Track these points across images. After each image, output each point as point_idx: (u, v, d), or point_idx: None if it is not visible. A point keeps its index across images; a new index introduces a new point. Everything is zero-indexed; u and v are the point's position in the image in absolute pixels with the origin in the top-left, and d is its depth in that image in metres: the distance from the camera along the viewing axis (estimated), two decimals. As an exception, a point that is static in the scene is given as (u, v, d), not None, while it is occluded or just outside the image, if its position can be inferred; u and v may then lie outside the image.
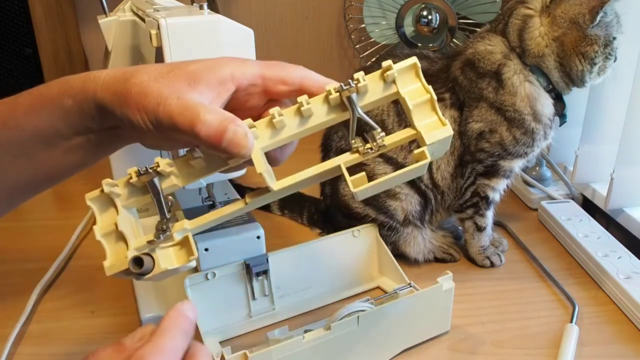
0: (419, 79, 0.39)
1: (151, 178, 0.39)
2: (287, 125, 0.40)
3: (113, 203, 0.40)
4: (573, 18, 0.69)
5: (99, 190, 0.40)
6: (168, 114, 0.39)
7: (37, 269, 0.76)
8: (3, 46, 1.07)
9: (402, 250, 0.77)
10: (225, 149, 0.38)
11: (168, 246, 0.39)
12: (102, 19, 0.73)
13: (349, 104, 0.38)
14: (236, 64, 0.42)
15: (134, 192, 0.41)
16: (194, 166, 0.40)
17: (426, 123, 0.38)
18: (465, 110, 0.73)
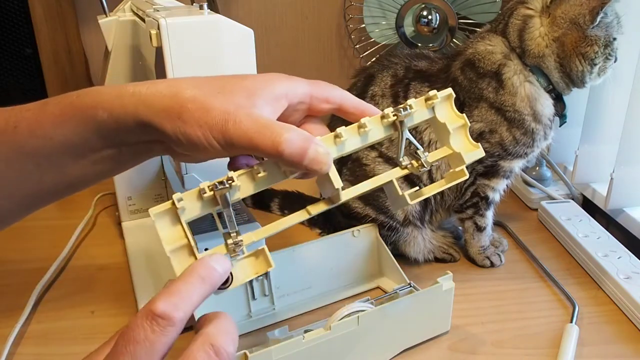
0: (451, 107, 0.46)
1: (227, 192, 0.39)
2: (348, 142, 0.44)
3: (177, 217, 0.39)
4: (573, 18, 0.69)
5: (168, 204, 0.39)
6: (242, 132, 0.39)
7: (37, 269, 0.76)
8: (3, 46, 1.07)
9: (402, 250, 0.77)
10: (307, 166, 0.40)
11: (242, 258, 0.40)
12: (102, 19, 0.73)
13: (400, 126, 0.44)
14: (288, 81, 0.44)
15: (198, 207, 0.40)
16: (255, 180, 0.41)
17: (461, 145, 0.46)
18: (465, 110, 0.73)
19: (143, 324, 0.34)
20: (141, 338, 0.33)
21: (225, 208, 0.39)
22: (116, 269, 0.78)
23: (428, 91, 0.73)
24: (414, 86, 0.75)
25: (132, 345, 0.33)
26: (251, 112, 0.40)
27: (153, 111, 0.40)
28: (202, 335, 0.35)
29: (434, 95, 0.44)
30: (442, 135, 0.46)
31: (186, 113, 0.40)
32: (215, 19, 0.57)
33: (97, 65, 1.20)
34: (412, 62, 0.77)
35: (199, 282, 0.36)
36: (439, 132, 0.46)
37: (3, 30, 1.06)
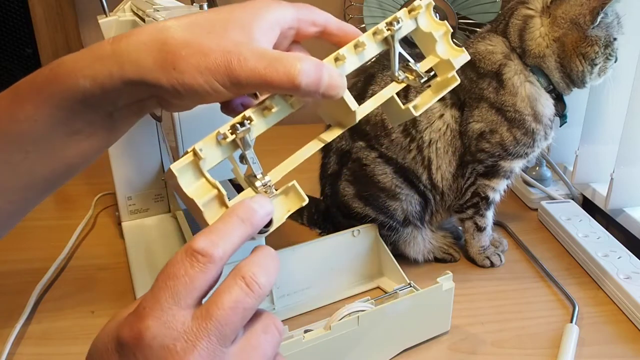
0: (431, 17, 0.46)
1: (247, 134, 0.37)
2: (348, 62, 0.43)
3: (199, 169, 0.37)
4: (573, 19, 0.69)
5: (190, 156, 0.36)
6: (250, 70, 0.36)
7: (37, 269, 0.76)
8: (3, 46, 1.07)
9: (402, 250, 0.77)
10: (324, 93, 0.38)
11: (274, 197, 0.38)
12: (102, 19, 0.73)
13: (392, 41, 0.44)
14: (277, 7, 0.41)
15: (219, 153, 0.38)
16: (266, 116, 0.39)
17: (447, 52, 0.46)
18: (465, 110, 0.73)
19: (183, 260, 0.33)
20: (181, 273, 0.33)
21: (247, 150, 0.37)
22: (116, 269, 0.78)
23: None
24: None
25: (172, 280, 0.33)
26: (254, 47, 0.37)
27: (143, 68, 0.37)
28: (235, 268, 0.35)
29: (418, 5, 0.44)
30: (428, 45, 0.47)
31: (181, 61, 0.37)
32: (215, 19, 0.57)
33: (97, 65, 1.20)
34: (413, 62, 0.77)
35: (238, 223, 0.35)
36: (424, 42, 0.47)
37: (3, 30, 1.06)
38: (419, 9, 0.44)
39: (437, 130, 0.74)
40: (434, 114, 0.74)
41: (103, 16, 0.73)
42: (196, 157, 0.36)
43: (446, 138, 0.74)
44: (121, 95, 0.39)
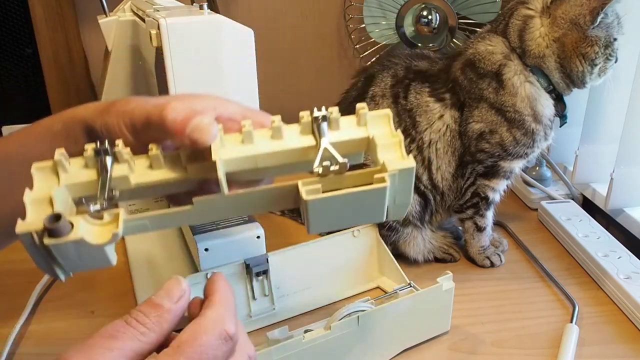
0: (389, 126, 0.39)
1: (106, 153, 0.37)
2: (256, 141, 0.38)
3: (57, 177, 0.37)
4: (573, 19, 0.69)
5: (50, 161, 0.37)
6: (142, 110, 0.41)
7: (37, 269, 0.76)
8: (3, 46, 1.07)
9: (402, 250, 0.77)
10: (189, 134, 0.37)
11: (95, 224, 0.35)
12: (102, 19, 0.73)
13: (318, 131, 0.38)
14: (220, 99, 0.44)
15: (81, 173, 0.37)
16: (151, 168, 0.38)
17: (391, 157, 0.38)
18: (465, 110, 0.73)
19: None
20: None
21: (101, 174, 0.36)
22: (116, 269, 0.78)
23: (428, 91, 0.74)
24: (414, 86, 0.75)
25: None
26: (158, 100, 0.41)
27: (93, 113, 0.44)
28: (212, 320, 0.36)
29: (361, 106, 0.39)
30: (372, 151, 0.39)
31: (113, 107, 0.43)
32: (215, 19, 0.57)
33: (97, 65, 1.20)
34: (413, 63, 0.77)
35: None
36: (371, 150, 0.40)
37: (3, 30, 1.06)
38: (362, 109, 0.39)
39: (437, 131, 0.74)
40: (434, 115, 0.74)
41: (103, 16, 0.73)
42: (55, 163, 0.37)
43: (446, 138, 0.74)
44: (78, 140, 0.44)
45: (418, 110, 0.74)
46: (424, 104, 0.74)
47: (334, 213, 0.38)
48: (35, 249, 0.34)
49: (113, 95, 0.79)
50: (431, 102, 0.74)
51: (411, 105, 0.74)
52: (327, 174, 0.37)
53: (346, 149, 0.38)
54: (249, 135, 0.38)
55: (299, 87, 1.33)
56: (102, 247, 0.34)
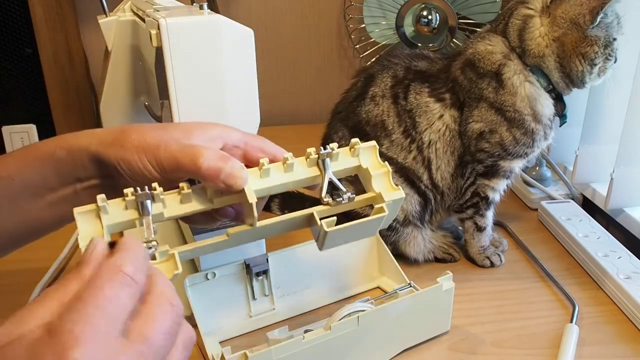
0: (375, 156, 0.48)
1: (147, 198, 0.41)
2: (272, 174, 0.46)
3: (99, 220, 0.41)
4: (573, 18, 0.69)
5: (92, 205, 0.41)
6: (170, 154, 0.43)
7: (37, 269, 0.76)
8: (3, 46, 1.07)
9: (402, 250, 0.77)
10: (224, 180, 0.42)
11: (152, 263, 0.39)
12: (102, 19, 0.73)
13: (323, 165, 0.46)
14: (224, 127, 0.48)
15: (121, 214, 0.42)
16: (182, 199, 0.43)
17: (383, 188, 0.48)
18: (465, 110, 0.73)
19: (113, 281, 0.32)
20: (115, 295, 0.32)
21: (144, 215, 0.41)
22: (116, 269, 0.78)
23: (428, 91, 0.74)
24: (414, 87, 0.75)
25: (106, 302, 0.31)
26: (182, 142, 0.45)
27: (103, 144, 0.45)
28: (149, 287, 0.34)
29: (355, 142, 0.48)
30: (368, 182, 0.49)
31: (128, 141, 0.44)
32: (215, 19, 0.57)
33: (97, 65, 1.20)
34: (412, 63, 0.77)
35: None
36: (366, 179, 0.49)
37: (3, 30, 1.06)
38: (357, 144, 0.48)
39: (437, 131, 0.74)
40: (434, 115, 0.74)
41: (103, 16, 0.74)
42: (97, 207, 0.41)
43: (445, 138, 0.74)
44: (85, 169, 0.46)
45: (418, 110, 0.74)
46: (423, 104, 0.74)
47: (342, 236, 0.48)
48: None
49: (113, 95, 0.79)
50: (431, 102, 0.74)
51: (411, 106, 0.74)
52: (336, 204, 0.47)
53: (342, 174, 0.47)
54: (266, 172, 0.45)
55: (299, 87, 1.33)
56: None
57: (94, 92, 1.25)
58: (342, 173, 0.48)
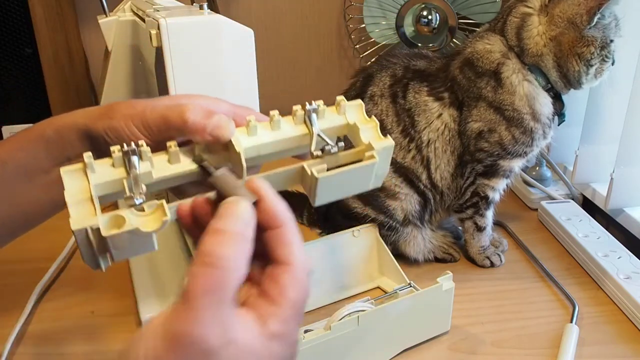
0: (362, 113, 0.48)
1: (133, 153, 0.40)
2: (260, 132, 0.44)
3: (86, 178, 0.40)
4: (570, 18, 0.69)
5: (79, 164, 0.40)
6: (157, 113, 0.44)
7: (37, 269, 0.76)
8: (3, 46, 1.07)
9: (402, 250, 0.77)
10: (211, 132, 0.42)
11: (141, 215, 0.39)
12: (102, 19, 0.73)
13: (310, 121, 0.45)
14: (212, 98, 0.47)
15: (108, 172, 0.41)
16: (170, 162, 0.42)
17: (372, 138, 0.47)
18: (464, 109, 0.73)
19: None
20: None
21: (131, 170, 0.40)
22: (116, 269, 0.78)
23: (427, 90, 0.74)
24: (412, 86, 0.75)
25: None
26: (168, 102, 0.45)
27: (91, 118, 0.46)
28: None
29: (341, 99, 0.47)
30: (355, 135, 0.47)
31: (115, 112, 0.45)
32: (215, 19, 0.57)
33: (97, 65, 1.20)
34: (411, 62, 0.77)
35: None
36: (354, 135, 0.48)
37: (3, 30, 1.06)
38: (342, 101, 0.47)
39: (436, 129, 0.74)
40: (433, 114, 0.74)
41: (103, 16, 0.74)
42: (84, 165, 0.40)
43: (444, 137, 0.74)
44: (74, 146, 0.47)
45: (417, 109, 0.74)
46: (422, 103, 0.74)
47: (335, 187, 0.45)
48: (88, 243, 0.37)
49: (113, 95, 0.79)
50: (430, 101, 0.74)
51: (410, 105, 0.74)
52: (326, 155, 0.45)
53: (331, 133, 0.46)
54: (253, 128, 0.43)
55: (299, 87, 1.33)
56: (151, 235, 0.38)
57: (94, 92, 1.25)
58: (330, 132, 0.46)
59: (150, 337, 0.31)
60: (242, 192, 0.37)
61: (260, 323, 0.33)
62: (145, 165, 0.41)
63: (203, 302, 0.31)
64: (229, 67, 0.59)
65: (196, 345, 0.30)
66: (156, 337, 0.31)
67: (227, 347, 0.31)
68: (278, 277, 0.34)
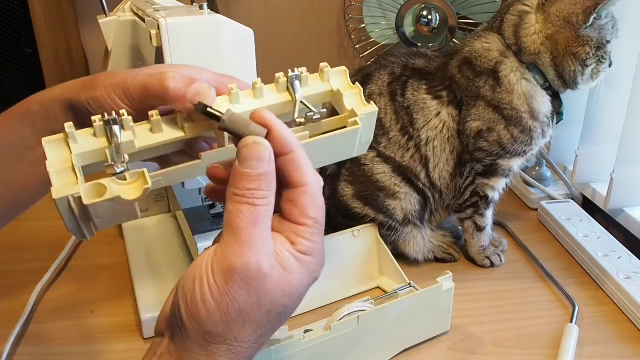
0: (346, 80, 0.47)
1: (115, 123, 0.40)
2: (242, 100, 0.44)
3: (68, 148, 0.40)
4: (567, 17, 0.69)
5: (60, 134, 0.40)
6: (138, 81, 0.44)
7: (37, 269, 0.76)
8: (3, 46, 1.07)
9: (402, 250, 0.77)
10: (192, 99, 0.41)
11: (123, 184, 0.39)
12: (102, 19, 0.73)
13: (293, 88, 0.45)
14: (196, 67, 0.47)
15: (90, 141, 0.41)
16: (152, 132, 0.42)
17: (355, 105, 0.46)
18: (463, 109, 0.74)
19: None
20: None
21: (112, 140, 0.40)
22: (116, 269, 0.78)
23: (425, 89, 0.74)
24: (411, 83, 0.75)
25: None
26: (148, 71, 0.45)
27: (73, 90, 0.46)
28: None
29: (324, 65, 0.47)
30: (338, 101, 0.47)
31: (97, 82, 0.45)
32: (215, 19, 0.57)
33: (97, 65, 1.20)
34: (410, 61, 0.77)
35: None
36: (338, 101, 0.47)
37: (3, 30, 1.06)
38: (326, 68, 0.46)
39: (434, 128, 0.74)
40: (431, 112, 0.74)
41: (103, 16, 0.73)
42: (66, 136, 0.40)
43: (443, 136, 0.74)
44: (59, 119, 0.46)
45: (415, 107, 0.74)
46: (421, 101, 0.74)
47: (319, 153, 0.45)
48: (70, 212, 0.38)
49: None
50: (428, 100, 0.74)
51: (408, 103, 0.74)
52: (309, 122, 0.44)
53: (314, 101, 0.46)
54: (236, 96, 0.43)
55: (299, 87, 1.33)
56: (134, 203, 0.38)
57: (94, 92, 1.24)
58: (313, 99, 0.46)
59: (205, 277, 0.35)
60: (254, 129, 0.38)
61: (291, 243, 0.37)
62: (128, 135, 0.41)
63: (252, 233, 0.35)
64: (229, 67, 0.59)
65: (253, 272, 0.35)
66: (214, 275, 0.35)
67: (274, 270, 0.36)
68: (297, 199, 0.38)
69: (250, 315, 0.35)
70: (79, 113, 0.46)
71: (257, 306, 0.36)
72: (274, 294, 0.36)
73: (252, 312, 0.35)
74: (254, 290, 0.35)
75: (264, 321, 0.36)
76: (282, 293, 0.37)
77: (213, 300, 0.35)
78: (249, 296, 0.35)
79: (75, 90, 0.46)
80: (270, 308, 0.36)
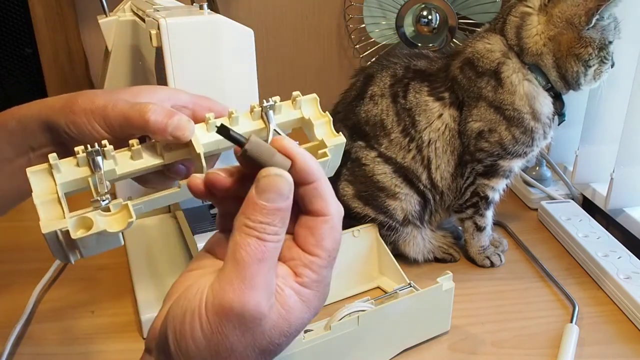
0: (317, 107, 0.49)
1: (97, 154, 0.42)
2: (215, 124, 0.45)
3: (52, 178, 0.42)
4: (569, 18, 0.69)
5: (44, 165, 0.41)
6: (119, 111, 0.44)
7: (37, 269, 0.76)
8: (3, 46, 1.07)
9: (402, 250, 0.77)
10: (171, 132, 0.42)
11: (107, 215, 0.41)
12: (102, 19, 0.73)
13: (267, 117, 0.47)
14: (172, 90, 0.49)
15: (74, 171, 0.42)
16: (133, 156, 0.44)
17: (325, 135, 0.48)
18: (464, 109, 0.74)
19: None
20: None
21: (96, 171, 0.41)
22: (116, 269, 0.78)
23: (427, 90, 0.74)
24: (413, 85, 0.75)
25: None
26: (129, 101, 0.45)
27: (53, 110, 0.46)
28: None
29: (296, 94, 0.48)
30: (309, 129, 0.49)
31: (76, 106, 0.45)
32: (215, 19, 0.57)
33: (97, 65, 1.20)
34: (412, 62, 0.77)
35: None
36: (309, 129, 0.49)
37: (3, 30, 1.06)
38: (298, 97, 0.48)
39: (436, 130, 0.74)
40: (433, 114, 0.74)
41: (103, 16, 0.73)
42: (50, 166, 0.41)
43: (445, 137, 0.74)
44: (36, 136, 0.47)
45: (417, 109, 0.74)
46: (423, 103, 0.74)
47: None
48: (57, 243, 0.40)
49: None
50: (430, 101, 0.74)
51: (410, 105, 0.74)
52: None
53: (286, 127, 0.48)
54: (212, 125, 0.44)
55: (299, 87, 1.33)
56: (118, 234, 0.40)
57: (94, 92, 1.25)
58: (286, 125, 0.48)
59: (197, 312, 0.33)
60: (279, 160, 0.36)
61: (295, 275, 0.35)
62: (109, 163, 0.42)
63: (256, 270, 0.33)
64: (229, 67, 0.59)
65: (250, 312, 0.33)
66: (207, 311, 0.33)
67: (272, 310, 0.34)
68: (315, 228, 0.36)
69: (243, 354, 0.33)
70: (56, 133, 0.46)
71: (252, 346, 0.34)
72: (270, 335, 0.34)
73: (245, 352, 0.33)
74: (250, 330, 0.33)
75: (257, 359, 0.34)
76: (279, 333, 0.35)
77: (204, 337, 0.33)
78: (243, 336, 0.33)
79: (54, 111, 0.46)
80: (264, 348, 0.34)
